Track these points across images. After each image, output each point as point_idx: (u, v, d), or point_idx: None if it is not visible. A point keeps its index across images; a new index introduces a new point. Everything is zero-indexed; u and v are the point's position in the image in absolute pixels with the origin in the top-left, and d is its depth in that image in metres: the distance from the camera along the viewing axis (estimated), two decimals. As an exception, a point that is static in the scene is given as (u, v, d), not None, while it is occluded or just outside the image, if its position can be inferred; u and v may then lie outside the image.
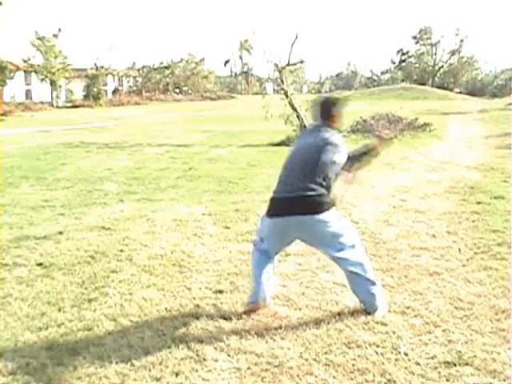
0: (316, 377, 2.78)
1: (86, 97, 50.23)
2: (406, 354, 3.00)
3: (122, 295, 3.89)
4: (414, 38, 71.11)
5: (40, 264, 4.59)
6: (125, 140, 15.52)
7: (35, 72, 48.39)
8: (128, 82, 67.05)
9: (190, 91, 64.34)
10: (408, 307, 3.63)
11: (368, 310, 3.50)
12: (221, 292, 3.87)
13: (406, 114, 17.65)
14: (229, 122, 22.56)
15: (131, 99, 51.04)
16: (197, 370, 2.84)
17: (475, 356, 2.96)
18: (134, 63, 77.19)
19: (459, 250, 4.90)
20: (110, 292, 3.94)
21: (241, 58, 74.41)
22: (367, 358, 2.96)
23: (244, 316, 3.49)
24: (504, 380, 2.75)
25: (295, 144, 3.75)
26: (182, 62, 65.18)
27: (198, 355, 2.99)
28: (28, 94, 55.10)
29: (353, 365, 2.89)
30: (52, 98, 47.22)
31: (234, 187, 7.90)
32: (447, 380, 2.76)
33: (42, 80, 48.32)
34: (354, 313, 3.55)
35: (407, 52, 73.32)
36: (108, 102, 49.58)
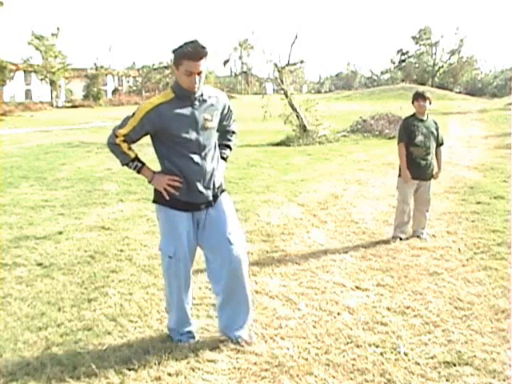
0: (316, 377, 2.78)
1: (85, 97, 50.29)
2: (406, 354, 3.00)
3: (122, 295, 3.89)
4: (414, 38, 71.21)
5: (40, 264, 4.59)
6: (125, 140, 15.49)
7: (35, 72, 48.42)
8: (128, 81, 67.05)
9: (189, 91, 64.16)
10: (408, 307, 3.63)
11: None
12: (221, 292, 3.86)
13: (405, 114, 17.62)
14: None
15: (131, 99, 51.02)
16: (197, 370, 2.84)
17: (475, 356, 2.96)
18: (133, 63, 77.32)
19: (459, 249, 4.91)
20: (110, 292, 3.94)
21: (240, 57, 74.35)
22: (367, 358, 2.95)
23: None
24: (504, 380, 2.75)
25: None
26: (181, 62, 64.99)
27: (197, 355, 2.99)
28: (28, 93, 55.14)
29: (353, 365, 2.89)
30: (52, 97, 47.23)
31: (233, 187, 7.89)
32: (447, 380, 2.76)
33: (41, 80, 48.34)
34: (353, 313, 3.56)
35: (407, 52, 73.48)
36: (108, 101, 49.63)
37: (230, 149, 3.31)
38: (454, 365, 2.88)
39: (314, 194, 7.58)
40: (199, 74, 2.81)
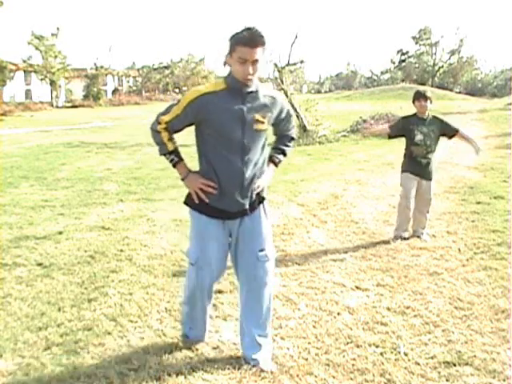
0: (316, 377, 2.78)
1: (85, 97, 50.28)
2: (406, 354, 3.00)
3: (122, 295, 3.89)
4: (414, 38, 71.18)
5: (40, 264, 4.58)
6: (124, 140, 15.52)
7: (35, 72, 48.37)
8: (128, 81, 67.10)
9: (189, 91, 64.28)
10: (408, 307, 3.63)
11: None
12: (220, 292, 3.86)
13: (405, 114, 17.62)
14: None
15: (131, 99, 51.07)
16: (197, 370, 2.84)
17: (475, 356, 2.96)
18: (133, 63, 77.34)
19: (459, 249, 4.91)
20: (110, 292, 3.94)
21: (240, 57, 74.22)
22: (367, 358, 2.95)
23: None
24: (504, 380, 2.75)
25: None
26: (181, 62, 65.12)
27: (197, 355, 2.99)
28: (28, 93, 55.12)
29: (353, 365, 2.89)
30: (52, 97, 47.20)
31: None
32: (447, 380, 2.76)
33: (41, 80, 48.30)
34: (353, 313, 3.56)
35: (407, 52, 73.47)
36: (108, 101, 49.62)
37: (285, 155, 3.03)
38: (454, 365, 2.88)
39: (313, 193, 7.58)
40: (254, 63, 2.53)
